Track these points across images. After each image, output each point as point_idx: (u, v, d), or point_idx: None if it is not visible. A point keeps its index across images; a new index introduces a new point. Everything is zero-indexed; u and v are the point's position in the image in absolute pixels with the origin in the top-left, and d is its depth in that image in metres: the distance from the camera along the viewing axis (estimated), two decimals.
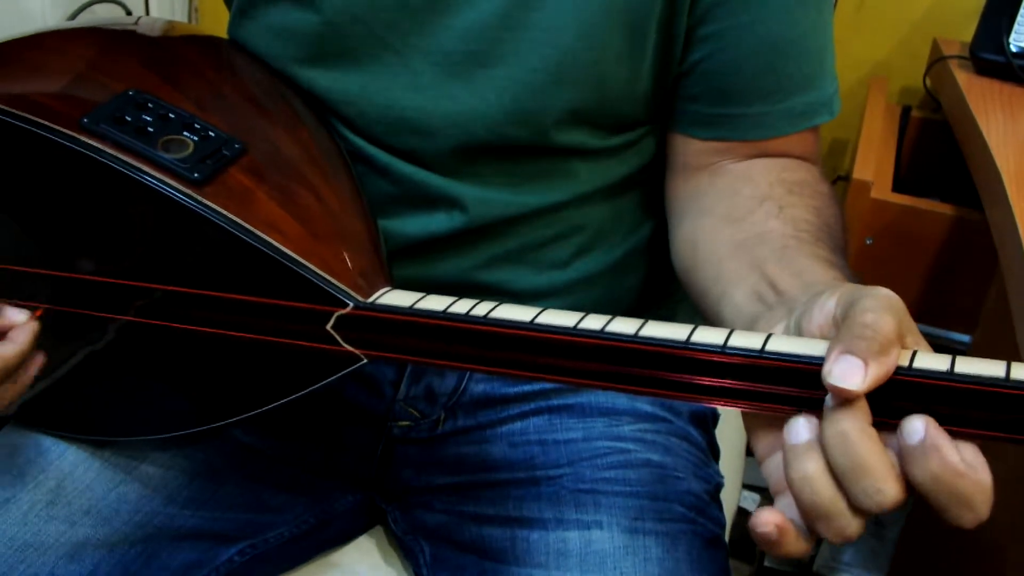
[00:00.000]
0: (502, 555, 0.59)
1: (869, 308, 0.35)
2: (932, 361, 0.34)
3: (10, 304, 0.51)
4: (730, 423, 0.85)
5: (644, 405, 0.65)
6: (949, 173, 1.05)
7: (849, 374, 0.33)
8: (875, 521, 1.22)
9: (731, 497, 0.80)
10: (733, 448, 0.85)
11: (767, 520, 0.36)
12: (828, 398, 0.35)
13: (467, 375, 0.65)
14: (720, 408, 0.71)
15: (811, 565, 1.25)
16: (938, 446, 0.33)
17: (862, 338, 0.34)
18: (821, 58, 0.58)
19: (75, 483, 0.57)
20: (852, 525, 0.35)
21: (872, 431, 0.34)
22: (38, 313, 0.51)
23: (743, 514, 1.25)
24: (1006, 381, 0.33)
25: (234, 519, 0.61)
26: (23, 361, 0.50)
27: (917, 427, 0.33)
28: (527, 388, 0.65)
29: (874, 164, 1.01)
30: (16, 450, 0.58)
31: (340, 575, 0.66)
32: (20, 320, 0.51)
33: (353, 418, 0.66)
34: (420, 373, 0.64)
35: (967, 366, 0.34)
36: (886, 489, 0.34)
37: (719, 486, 0.66)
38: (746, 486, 1.27)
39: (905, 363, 0.34)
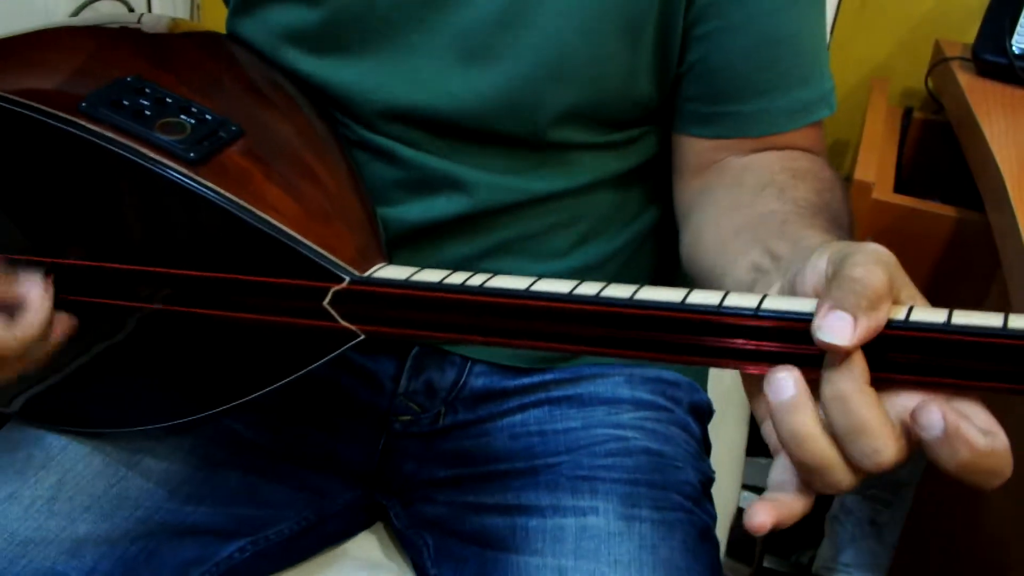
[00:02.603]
0: (502, 543, 0.59)
1: (858, 263, 0.35)
2: (929, 314, 0.34)
3: (20, 271, 0.51)
4: (729, 422, 0.85)
5: (644, 394, 0.65)
6: (951, 175, 1.05)
7: (838, 329, 0.33)
8: (873, 522, 1.22)
9: (731, 497, 0.80)
10: (733, 447, 0.85)
11: (762, 521, 0.36)
12: (826, 357, 0.35)
13: (467, 369, 0.65)
14: (720, 369, 0.71)
15: (810, 566, 1.25)
16: (964, 436, 0.32)
17: (851, 292, 0.34)
18: (816, 54, 0.59)
19: (76, 479, 0.57)
20: (846, 479, 0.35)
21: (870, 390, 0.34)
22: (51, 276, 0.51)
23: (743, 514, 1.25)
24: (1004, 330, 0.33)
25: (235, 515, 0.61)
26: (48, 325, 0.50)
27: (935, 421, 0.33)
28: (527, 381, 0.65)
29: (876, 165, 1.01)
30: (18, 446, 0.58)
31: (340, 571, 0.66)
32: (35, 289, 0.50)
33: (353, 413, 0.66)
34: (420, 368, 0.65)
35: (964, 318, 0.34)
36: (884, 449, 0.34)
37: (711, 480, 0.66)
38: (746, 486, 1.27)
39: (901, 316, 0.34)
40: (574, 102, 0.57)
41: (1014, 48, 0.98)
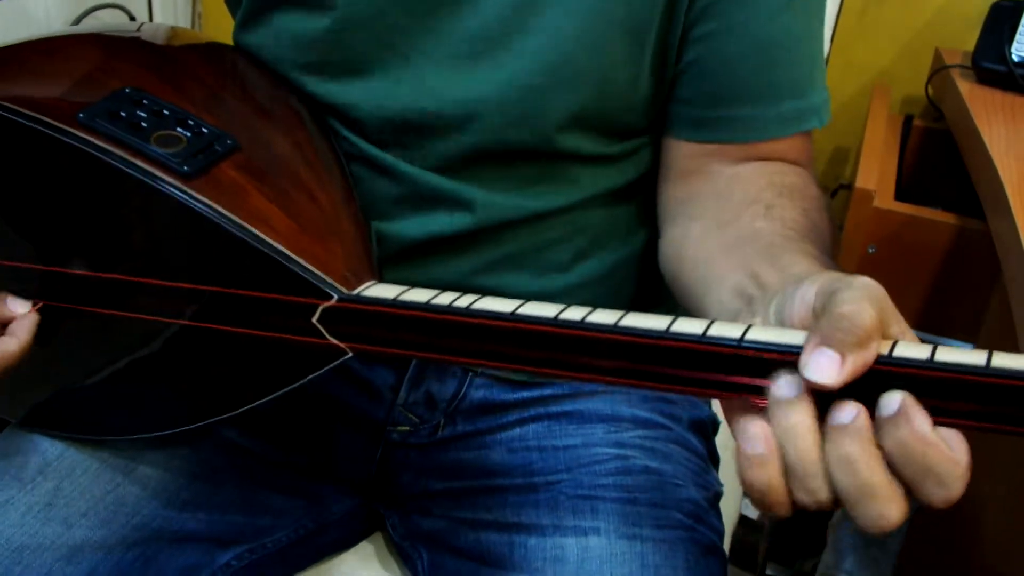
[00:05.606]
0: (500, 561, 0.59)
1: (848, 299, 0.34)
2: (913, 350, 0.34)
3: (10, 295, 0.52)
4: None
5: (643, 412, 0.65)
6: (951, 182, 1.04)
7: (826, 367, 0.33)
8: None
9: (732, 504, 0.80)
10: (735, 454, 0.85)
11: (757, 433, 0.35)
12: (831, 417, 0.34)
13: (467, 381, 0.65)
14: (708, 399, 0.71)
15: (813, 573, 1.25)
16: (909, 415, 0.32)
17: (839, 330, 0.33)
18: (812, 65, 0.59)
19: (73, 485, 0.57)
20: (824, 490, 0.34)
21: (877, 452, 0.33)
22: (38, 305, 0.52)
23: (745, 521, 1.25)
24: (986, 369, 0.32)
25: (232, 522, 0.61)
26: (23, 355, 0.50)
27: (894, 398, 0.33)
28: (526, 395, 0.65)
29: (876, 173, 1.01)
30: (15, 452, 0.58)
31: None
32: (20, 312, 0.51)
33: (352, 422, 0.66)
34: (420, 378, 0.65)
35: (948, 355, 0.33)
36: (890, 514, 0.33)
37: (718, 494, 0.66)
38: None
39: (885, 352, 0.34)
40: (580, 107, 0.57)
41: (1014, 56, 0.98)
